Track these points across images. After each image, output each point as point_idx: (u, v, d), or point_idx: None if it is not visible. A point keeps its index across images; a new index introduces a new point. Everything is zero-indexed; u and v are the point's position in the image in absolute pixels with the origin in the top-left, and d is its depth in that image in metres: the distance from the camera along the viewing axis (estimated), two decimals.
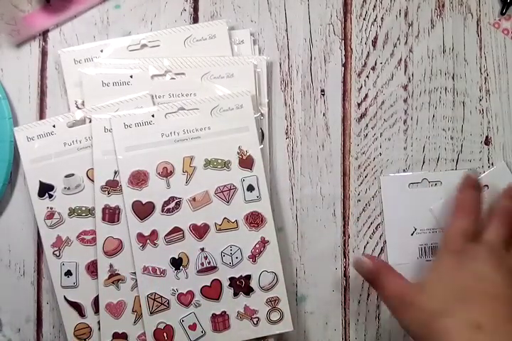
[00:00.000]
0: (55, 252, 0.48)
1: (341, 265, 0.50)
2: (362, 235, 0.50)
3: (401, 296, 0.41)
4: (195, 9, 0.52)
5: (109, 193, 0.48)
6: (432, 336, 0.38)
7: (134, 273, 0.47)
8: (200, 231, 0.47)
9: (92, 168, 0.48)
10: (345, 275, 0.50)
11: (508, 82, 0.51)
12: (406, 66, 0.51)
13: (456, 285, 0.40)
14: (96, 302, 0.48)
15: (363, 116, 0.51)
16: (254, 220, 0.47)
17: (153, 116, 0.47)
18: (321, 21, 0.51)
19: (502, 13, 0.51)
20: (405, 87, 0.51)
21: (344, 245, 0.50)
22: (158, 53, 0.49)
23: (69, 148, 0.48)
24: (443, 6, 0.51)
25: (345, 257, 0.50)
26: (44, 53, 0.52)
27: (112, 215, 0.47)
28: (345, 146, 0.51)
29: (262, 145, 0.48)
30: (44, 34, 0.52)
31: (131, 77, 0.49)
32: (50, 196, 0.48)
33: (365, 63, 0.51)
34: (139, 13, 0.52)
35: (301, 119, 0.51)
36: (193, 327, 0.47)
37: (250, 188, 0.48)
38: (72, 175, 0.48)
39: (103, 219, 0.47)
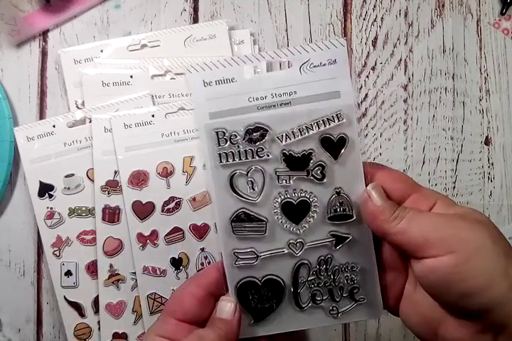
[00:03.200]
0: (55, 252, 0.48)
1: None
2: None
3: None
4: (195, 9, 0.52)
5: (109, 193, 0.48)
6: None
7: (134, 273, 0.47)
8: (200, 231, 0.47)
9: (92, 168, 0.48)
10: None
11: (508, 82, 0.51)
12: (406, 66, 0.51)
13: None
14: (96, 302, 0.48)
15: (363, 116, 0.51)
16: None
17: (153, 116, 0.47)
18: (321, 21, 0.51)
19: (502, 13, 0.51)
20: (405, 87, 0.51)
21: None
22: (158, 53, 0.49)
23: (69, 148, 0.48)
24: (443, 6, 0.51)
25: None
26: (44, 53, 0.52)
27: (111, 215, 0.47)
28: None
29: None
30: (44, 34, 0.52)
31: (131, 77, 0.48)
32: (50, 196, 0.48)
33: (365, 63, 0.51)
34: (139, 13, 0.52)
35: None
36: None
37: None
38: (72, 175, 0.48)
39: (103, 219, 0.47)
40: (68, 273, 0.48)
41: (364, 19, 0.51)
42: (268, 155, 0.32)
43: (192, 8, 0.52)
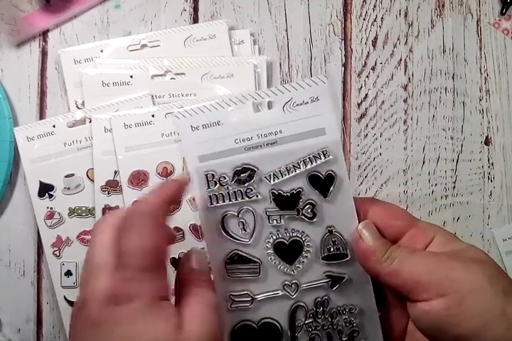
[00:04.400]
0: (55, 252, 0.48)
1: None
2: None
3: None
4: (195, 9, 0.52)
5: (109, 193, 0.48)
6: None
7: None
8: (200, 232, 0.47)
9: (92, 168, 0.48)
10: None
11: (508, 82, 0.51)
12: (406, 66, 0.51)
13: None
14: None
15: (363, 116, 0.51)
16: None
17: (153, 116, 0.47)
18: (321, 21, 0.51)
19: (502, 13, 0.51)
20: (405, 87, 0.51)
21: None
22: (158, 53, 0.49)
23: (69, 148, 0.48)
24: (443, 6, 0.51)
25: None
26: (44, 53, 0.52)
27: None
28: (345, 146, 0.51)
29: None
30: (44, 34, 0.52)
31: (131, 77, 0.48)
32: (50, 196, 0.48)
33: (365, 63, 0.51)
34: (139, 13, 0.51)
35: None
36: None
37: None
38: (72, 175, 0.48)
39: None
40: (68, 273, 0.48)
41: (364, 19, 0.51)
42: (257, 196, 0.32)
43: (192, 8, 0.52)
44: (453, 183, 0.51)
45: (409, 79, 0.51)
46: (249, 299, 0.32)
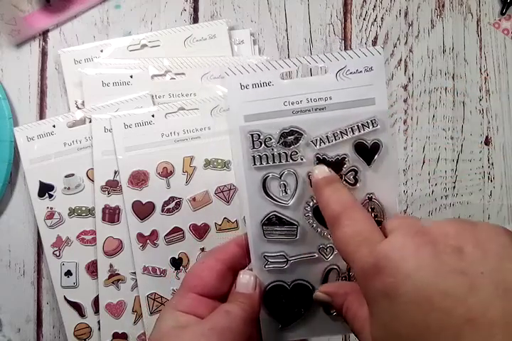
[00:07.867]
0: (55, 252, 0.48)
1: None
2: None
3: None
4: (195, 9, 0.52)
5: (109, 193, 0.48)
6: None
7: (134, 273, 0.47)
8: (200, 231, 0.47)
9: (92, 168, 0.48)
10: None
11: (508, 82, 0.51)
12: (406, 66, 0.51)
13: None
14: (96, 302, 0.48)
15: None
16: None
17: (153, 116, 0.47)
18: (321, 21, 0.51)
19: (502, 13, 0.51)
20: (405, 87, 0.51)
21: None
22: (158, 53, 0.49)
23: (69, 148, 0.48)
24: (443, 6, 0.51)
25: None
26: (44, 53, 0.52)
27: (111, 215, 0.47)
28: None
29: None
30: (44, 34, 0.52)
31: (131, 77, 0.48)
32: (50, 196, 0.48)
33: None
34: (139, 13, 0.51)
35: None
36: None
37: None
38: (72, 175, 0.48)
39: (103, 219, 0.47)
40: (68, 273, 0.48)
41: (364, 19, 0.51)
42: (302, 159, 0.32)
43: (192, 8, 0.52)
44: (453, 183, 0.51)
45: (409, 79, 0.51)
46: (284, 260, 0.33)
